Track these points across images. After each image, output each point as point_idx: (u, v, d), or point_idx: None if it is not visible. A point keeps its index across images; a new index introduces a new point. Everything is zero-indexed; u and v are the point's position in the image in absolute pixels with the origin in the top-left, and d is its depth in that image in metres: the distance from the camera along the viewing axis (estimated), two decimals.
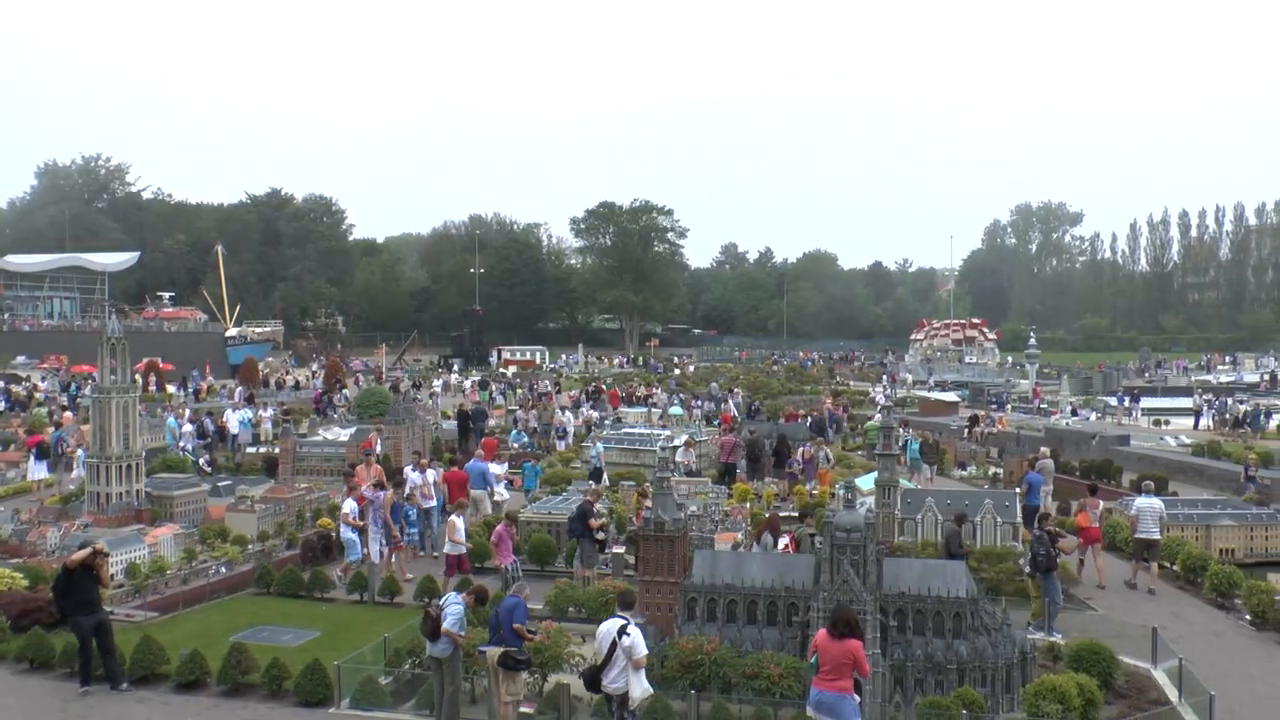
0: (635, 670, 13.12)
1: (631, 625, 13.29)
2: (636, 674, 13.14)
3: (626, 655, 13.08)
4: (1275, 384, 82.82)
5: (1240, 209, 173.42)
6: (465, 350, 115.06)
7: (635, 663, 13.08)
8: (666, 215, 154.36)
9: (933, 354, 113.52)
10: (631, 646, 13.06)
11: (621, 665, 13.11)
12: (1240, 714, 15.71)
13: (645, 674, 13.37)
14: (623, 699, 13.19)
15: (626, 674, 13.11)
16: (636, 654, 13.07)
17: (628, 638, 13.08)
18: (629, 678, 13.10)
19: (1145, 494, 25.67)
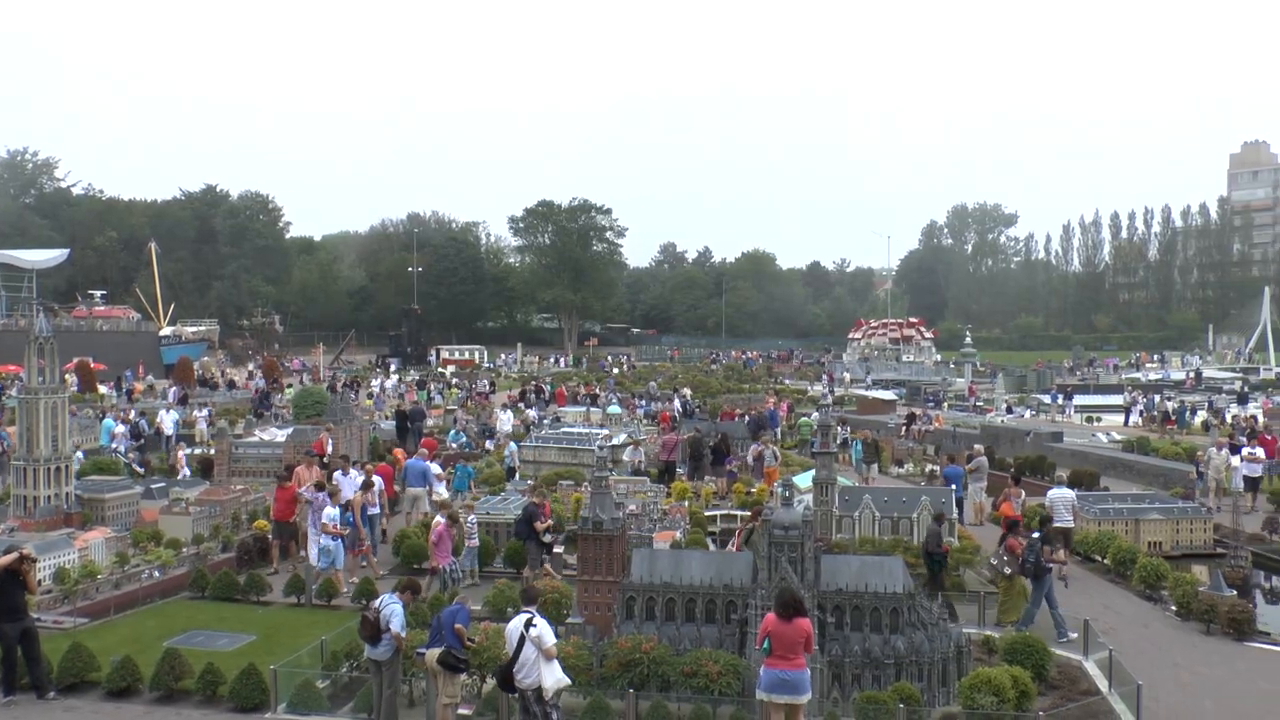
0: (546, 660, 13.28)
1: (537, 617, 13.48)
2: (549, 664, 13.30)
3: (536, 646, 13.20)
4: (1200, 381, 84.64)
5: (1168, 211, 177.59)
6: (403, 350, 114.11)
7: (545, 653, 13.26)
8: (605, 214, 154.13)
9: (870, 353, 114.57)
10: (540, 637, 13.23)
11: (532, 659, 13.21)
12: (1166, 702, 16.10)
13: (560, 664, 13.54)
14: (538, 693, 13.24)
15: (538, 667, 13.23)
16: (545, 644, 13.26)
17: (535, 629, 13.25)
18: (540, 669, 13.23)
19: (1058, 485, 27.29)
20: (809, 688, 13.34)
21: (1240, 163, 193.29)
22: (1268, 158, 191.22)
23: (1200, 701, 16.46)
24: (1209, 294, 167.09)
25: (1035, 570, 19.79)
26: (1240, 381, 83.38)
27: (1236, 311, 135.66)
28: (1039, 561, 19.71)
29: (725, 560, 17.22)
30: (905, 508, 24.99)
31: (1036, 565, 19.73)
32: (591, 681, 15.17)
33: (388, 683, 14.62)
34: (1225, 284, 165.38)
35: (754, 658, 14.93)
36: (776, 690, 13.03)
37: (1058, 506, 26.28)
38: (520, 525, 23.80)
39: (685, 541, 23.65)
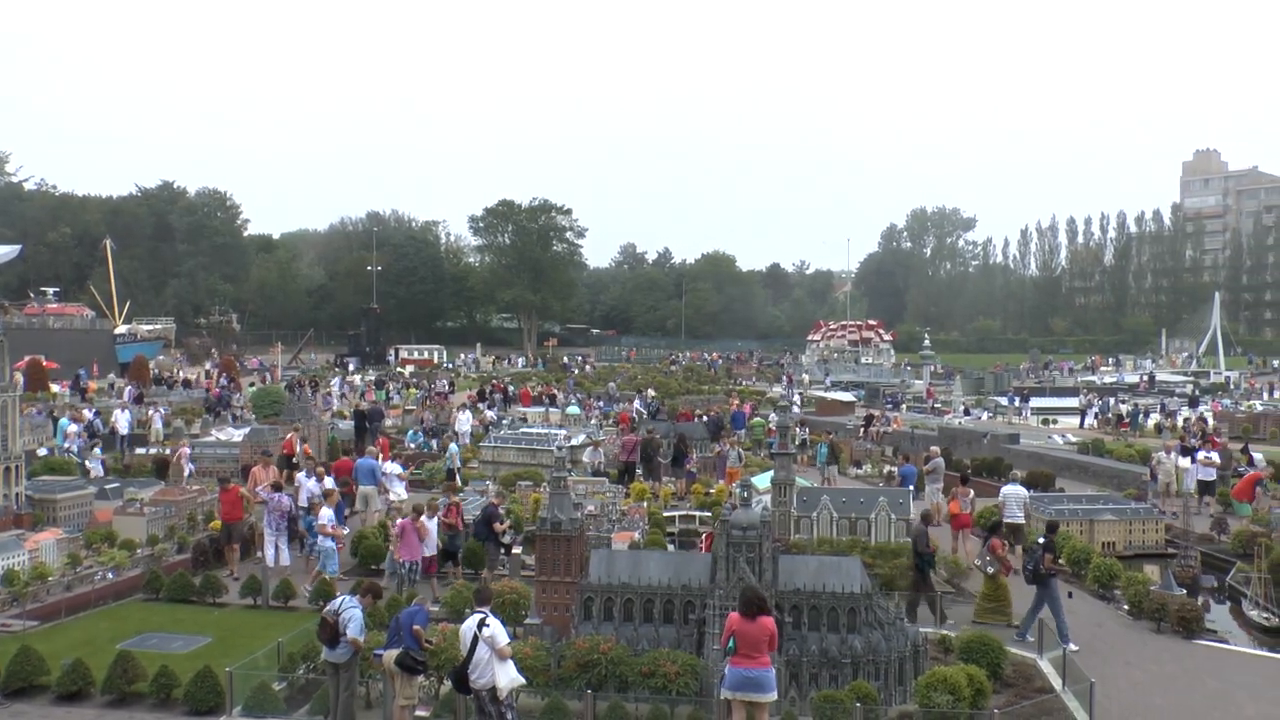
0: (500, 660, 13.19)
1: (490, 618, 13.39)
2: (502, 664, 13.20)
3: (489, 646, 13.12)
4: (1153, 385, 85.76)
5: (1123, 217, 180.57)
6: (362, 349, 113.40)
7: (499, 652, 13.17)
8: (565, 215, 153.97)
9: (829, 354, 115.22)
10: (492, 637, 13.15)
11: (486, 659, 13.14)
12: (1118, 699, 16.35)
13: (514, 664, 13.47)
14: (492, 693, 13.18)
15: (491, 667, 13.14)
16: (499, 643, 13.17)
17: (488, 629, 13.18)
18: (494, 669, 13.14)
19: (1011, 482, 28.06)
20: (774, 686, 13.37)
21: (1192, 170, 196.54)
22: (1218, 166, 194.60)
23: (1150, 698, 16.72)
24: (1162, 299, 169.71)
25: (1035, 577, 19.62)
26: (1191, 385, 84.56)
27: (1188, 316, 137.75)
28: (1038, 568, 19.50)
29: (683, 561, 17.25)
30: (863, 508, 25.15)
31: (1036, 572, 19.57)
32: (549, 682, 15.15)
33: (345, 685, 14.51)
34: (1178, 289, 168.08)
35: (712, 658, 14.98)
36: (742, 689, 13.04)
37: (1010, 503, 26.84)
38: (479, 526, 23.72)
39: (644, 542, 23.68)
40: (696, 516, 27.42)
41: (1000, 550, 20.56)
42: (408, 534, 22.15)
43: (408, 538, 22.14)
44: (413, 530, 22.14)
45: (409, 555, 22.09)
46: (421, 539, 22.37)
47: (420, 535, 22.31)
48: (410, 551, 22.12)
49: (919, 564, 21.74)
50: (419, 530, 22.27)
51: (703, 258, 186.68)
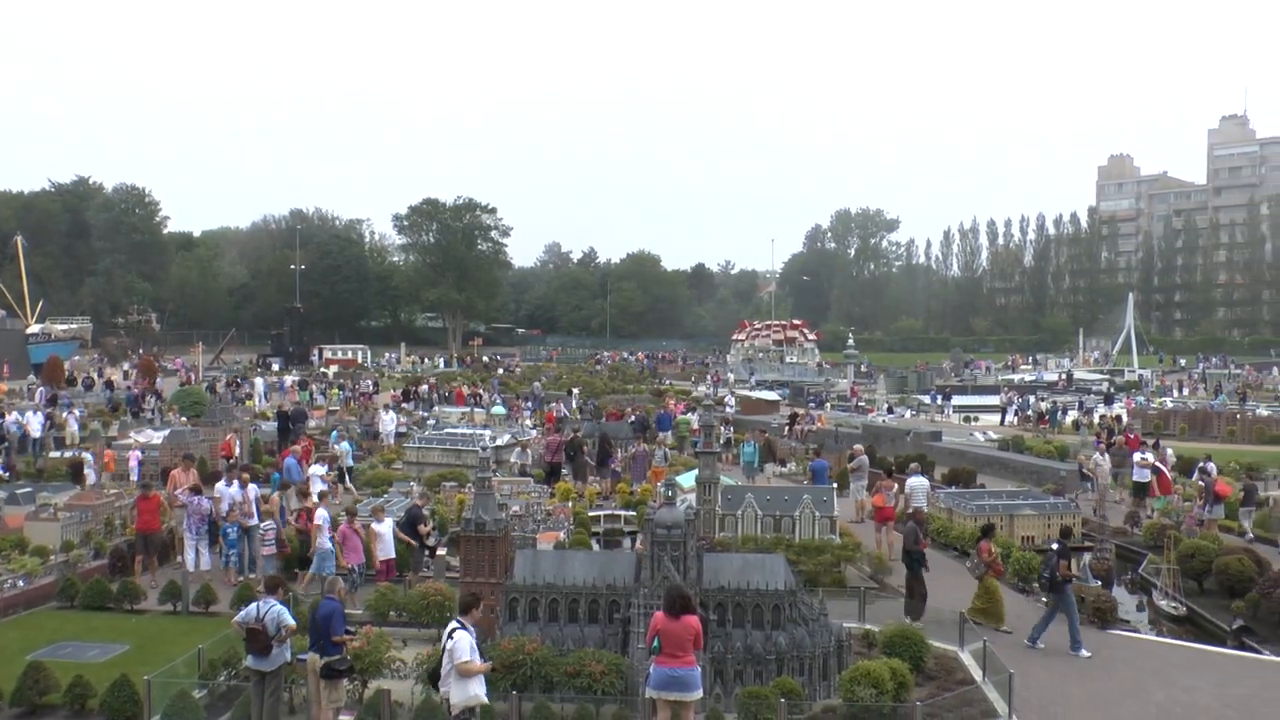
0: (457, 676, 12.82)
1: (460, 630, 13.01)
2: (459, 680, 12.83)
3: (449, 658, 12.86)
4: (1071, 383, 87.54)
5: (1042, 219, 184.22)
6: (285, 349, 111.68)
7: (457, 668, 12.79)
8: (490, 213, 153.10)
9: (754, 354, 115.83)
10: (451, 650, 12.85)
11: (448, 670, 12.90)
12: (1036, 689, 16.75)
13: (481, 681, 13.06)
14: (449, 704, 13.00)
15: (450, 680, 12.87)
16: (456, 657, 12.82)
17: (452, 640, 12.88)
18: (451, 683, 12.86)
19: (914, 474, 28.54)
20: (699, 685, 13.41)
21: (1107, 175, 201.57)
22: (1131, 170, 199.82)
23: (1067, 687, 17.16)
24: (1080, 299, 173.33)
25: (1050, 584, 19.46)
26: (1107, 383, 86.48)
27: (1104, 316, 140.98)
28: (1054, 576, 19.26)
29: (608, 560, 17.24)
30: (787, 506, 25.31)
31: (1052, 580, 19.34)
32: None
33: (271, 691, 14.23)
34: (1094, 289, 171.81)
35: (637, 656, 14.97)
36: (667, 688, 13.03)
37: (916, 494, 27.71)
38: (404, 528, 23.47)
39: (569, 542, 23.62)
40: (622, 516, 27.42)
41: (987, 554, 20.60)
42: (349, 538, 21.80)
43: (350, 541, 21.78)
44: (354, 534, 21.80)
45: (355, 559, 21.74)
46: (365, 542, 22.02)
47: (362, 538, 21.97)
48: (355, 555, 21.75)
49: (909, 563, 21.51)
50: (358, 533, 21.95)
51: (628, 257, 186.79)
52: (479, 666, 13.02)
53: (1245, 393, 74.46)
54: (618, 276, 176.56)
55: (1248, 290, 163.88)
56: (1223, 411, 58.16)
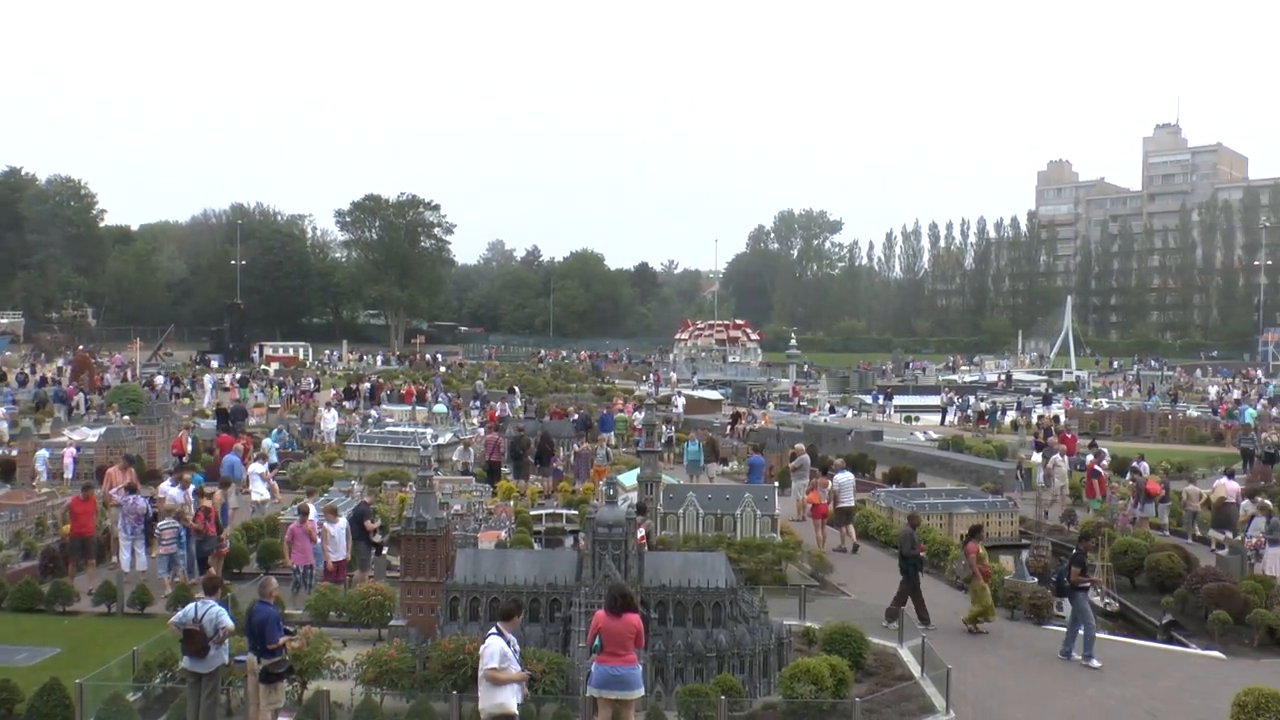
0: (487, 684, 12.67)
1: (491, 636, 12.84)
2: (489, 687, 12.66)
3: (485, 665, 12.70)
4: (1010, 383, 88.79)
5: (982, 223, 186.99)
6: (225, 346, 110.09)
7: (485, 674, 12.66)
8: (433, 210, 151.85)
9: (697, 353, 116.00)
10: (480, 654, 12.76)
11: (481, 675, 12.82)
12: (973, 683, 16.96)
13: (515, 690, 12.81)
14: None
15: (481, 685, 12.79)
16: (483, 663, 12.68)
17: (484, 645, 12.79)
18: (480, 689, 12.77)
19: (840, 470, 28.89)
20: (640, 683, 13.40)
21: (1046, 180, 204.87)
22: (1070, 176, 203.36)
23: (1003, 681, 17.44)
24: (1019, 301, 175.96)
25: (1061, 590, 19.24)
26: (1045, 384, 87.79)
27: (1043, 318, 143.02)
28: (1061, 581, 19.04)
29: (549, 559, 17.22)
30: (729, 505, 25.47)
31: (1060, 584, 19.13)
32: (414, 685, 14.91)
33: (208, 693, 13.97)
34: (1033, 292, 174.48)
35: (578, 655, 14.93)
36: (608, 687, 13.03)
37: (845, 489, 28.08)
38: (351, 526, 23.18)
39: (511, 541, 23.52)
40: (564, 515, 27.36)
41: (974, 555, 20.45)
42: (299, 538, 21.50)
43: (299, 542, 21.49)
44: (303, 534, 21.51)
45: (302, 560, 21.46)
46: (314, 541, 21.74)
47: (312, 538, 21.67)
48: (303, 556, 21.48)
49: (905, 567, 21.03)
50: (310, 533, 21.65)
51: (571, 256, 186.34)
52: (510, 675, 12.75)
53: (1177, 394, 76.03)
54: (561, 275, 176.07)
55: (1179, 294, 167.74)
56: (1155, 412, 59.30)
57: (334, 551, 22.02)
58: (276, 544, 24.22)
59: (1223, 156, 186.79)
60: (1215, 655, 19.52)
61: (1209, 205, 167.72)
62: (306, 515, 22.14)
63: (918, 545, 21.35)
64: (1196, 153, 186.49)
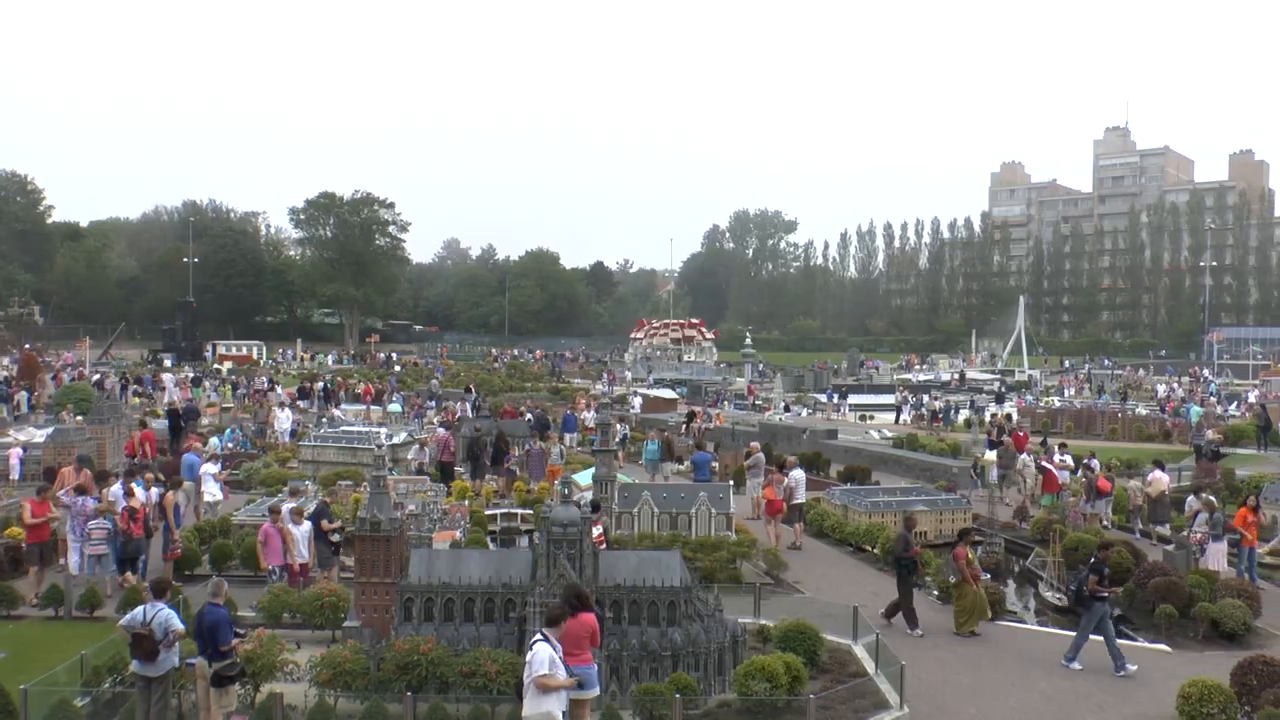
0: (534, 690, 12.29)
1: (540, 642, 12.44)
2: (535, 695, 12.29)
3: (528, 671, 12.36)
4: (964, 382, 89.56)
5: (936, 224, 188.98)
6: (178, 345, 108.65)
7: (535, 681, 12.26)
8: (388, 208, 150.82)
9: (652, 352, 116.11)
10: (529, 662, 12.37)
11: (528, 683, 12.43)
12: (926, 679, 17.17)
13: (562, 697, 12.47)
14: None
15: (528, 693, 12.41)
16: (532, 672, 12.28)
17: (530, 651, 12.44)
18: (527, 696, 12.39)
19: (794, 468, 29.41)
20: (597, 683, 13.40)
21: (999, 181, 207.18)
22: (1022, 178, 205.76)
23: (956, 676, 17.68)
24: (973, 301, 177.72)
25: (1079, 599, 18.73)
26: (998, 383, 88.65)
27: (996, 318, 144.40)
28: (1080, 590, 18.58)
29: (504, 559, 17.13)
30: (684, 503, 25.53)
31: (1079, 594, 18.66)
32: (368, 686, 14.79)
33: (159, 697, 13.79)
34: (987, 292, 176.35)
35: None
36: None
37: (798, 486, 28.57)
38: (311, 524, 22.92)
39: (465, 541, 23.42)
40: (519, 515, 27.27)
41: (962, 560, 20.34)
42: (271, 538, 21.25)
43: (272, 542, 21.23)
44: (276, 534, 21.26)
45: (276, 560, 21.20)
46: (285, 542, 21.48)
47: (284, 538, 21.43)
48: (276, 556, 21.21)
49: (898, 571, 20.85)
50: (284, 533, 21.39)
51: (527, 254, 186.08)
52: (559, 681, 12.41)
53: (1126, 392, 77.06)
54: (516, 274, 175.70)
55: (1129, 295, 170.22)
56: (1105, 411, 60.03)
57: (298, 553, 21.81)
58: (229, 545, 24.03)
59: (1170, 159, 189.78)
60: (1162, 648, 19.85)
61: (1157, 207, 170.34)
62: (278, 515, 21.87)
63: (911, 548, 20.95)
64: (1145, 155, 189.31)
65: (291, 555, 21.58)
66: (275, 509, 22.35)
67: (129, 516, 22.43)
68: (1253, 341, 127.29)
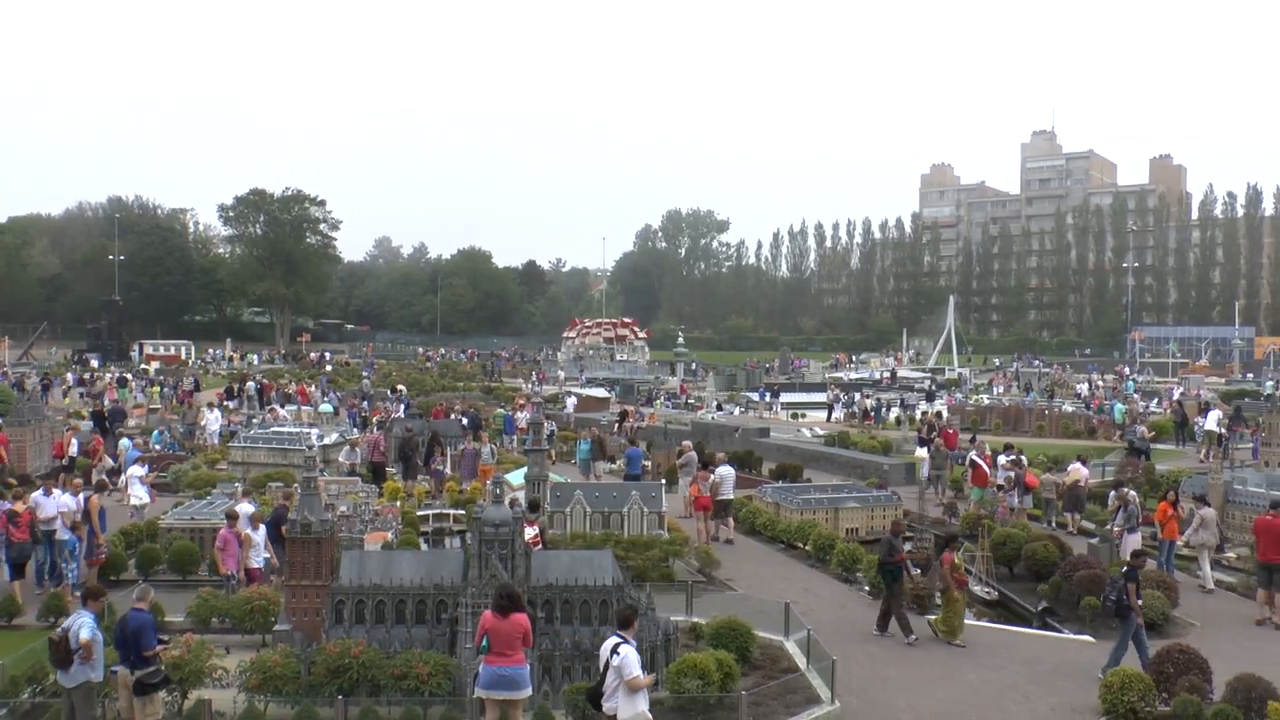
0: (627, 692, 12.49)
1: (625, 645, 12.72)
2: (629, 696, 12.49)
3: (617, 674, 12.54)
4: (895, 380, 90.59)
5: (868, 223, 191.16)
6: (103, 344, 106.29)
7: (626, 683, 12.47)
8: (319, 206, 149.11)
9: (585, 352, 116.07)
10: (620, 665, 12.53)
11: (614, 686, 12.59)
12: (857, 673, 17.42)
13: (644, 696, 12.70)
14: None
15: (618, 696, 12.57)
16: (625, 673, 12.50)
17: (618, 657, 12.56)
18: (619, 699, 12.54)
19: (722, 464, 29.88)
20: (529, 683, 13.40)
21: (929, 183, 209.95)
22: (952, 179, 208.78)
23: (886, 671, 17.95)
24: (903, 300, 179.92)
25: (1119, 609, 17.74)
26: (929, 381, 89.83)
27: (927, 317, 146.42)
28: (1121, 600, 17.65)
29: (436, 560, 17.06)
30: (615, 503, 25.57)
31: (1119, 604, 17.70)
32: (299, 690, 14.64)
33: (82, 707, 13.48)
34: (917, 292, 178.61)
35: (465, 656, 14.83)
36: (495, 687, 13.00)
37: (726, 482, 28.92)
38: (270, 528, 22.56)
39: (397, 542, 23.25)
40: (451, 515, 27.12)
41: (948, 566, 20.04)
42: (229, 543, 20.83)
43: (229, 547, 20.81)
44: (234, 539, 20.87)
45: (235, 566, 20.77)
46: (242, 546, 21.08)
47: (241, 542, 21.05)
48: (234, 561, 20.78)
49: (884, 578, 20.46)
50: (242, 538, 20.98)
51: (459, 253, 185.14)
52: (646, 680, 12.77)
53: (1053, 390, 78.49)
54: (448, 272, 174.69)
55: (1055, 294, 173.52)
56: (1033, 408, 61.12)
57: (254, 558, 21.43)
58: (156, 550, 23.55)
59: (1094, 163, 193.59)
60: (1086, 639, 20.34)
61: (1082, 209, 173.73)
62: (235, 520, 21.47)
63: (897, 553, 20.44)
64: (1070, 159, 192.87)
65: (248, 560, 21.26)
66: (233, 513, 21.87)
67: (8, 520, 21.87)
68: (1171, 340, 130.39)
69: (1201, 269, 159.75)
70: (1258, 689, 14.76)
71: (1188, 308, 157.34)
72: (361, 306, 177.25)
